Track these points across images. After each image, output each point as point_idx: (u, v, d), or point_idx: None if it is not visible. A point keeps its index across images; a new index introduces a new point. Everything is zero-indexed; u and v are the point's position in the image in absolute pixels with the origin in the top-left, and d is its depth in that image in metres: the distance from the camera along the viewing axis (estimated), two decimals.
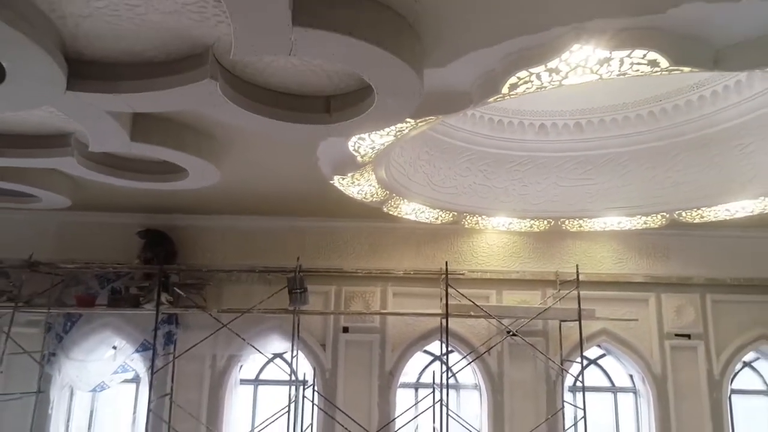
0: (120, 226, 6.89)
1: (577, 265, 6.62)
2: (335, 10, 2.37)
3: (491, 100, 3.21)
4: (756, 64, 2.85)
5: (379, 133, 3.76)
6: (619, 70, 2.84)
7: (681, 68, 2.79)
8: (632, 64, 2.77)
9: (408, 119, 3.49)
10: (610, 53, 2.71)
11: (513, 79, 2.95)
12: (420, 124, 3.65)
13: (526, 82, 2.98)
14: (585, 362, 7.26)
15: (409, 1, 2.52)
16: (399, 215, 6.40)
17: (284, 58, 2.88)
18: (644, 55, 2.69)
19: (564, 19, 2.61)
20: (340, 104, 3.34)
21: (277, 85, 3.28)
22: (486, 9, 2.56)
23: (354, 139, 3.90)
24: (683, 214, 6.16)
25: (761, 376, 7.40)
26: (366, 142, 3.94)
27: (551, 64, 2.82)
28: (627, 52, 2.69)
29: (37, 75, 2.82)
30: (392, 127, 3.62)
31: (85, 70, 2.97)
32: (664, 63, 2.72)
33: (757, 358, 7.37)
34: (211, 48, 2.87)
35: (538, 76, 2.92)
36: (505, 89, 3.04)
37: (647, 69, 2.80)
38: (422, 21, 2.68)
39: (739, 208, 5.76)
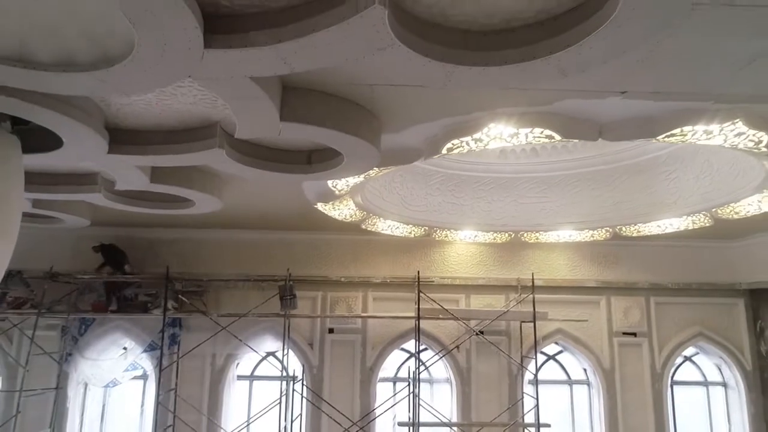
0: (128, 239, 7.83)
1: (533, 273, 7.67)
2: (311, 107, 3.36)
3: (436, 157, 4.21)
4: (632, 137, 3.86)
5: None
6: (526, 141, 3.85)
7: (571, 140, 3.80)
8: (534, 137, 3.78)
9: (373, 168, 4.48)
10: (517, 130, 3.72)
11: (449, 144, 3.96)
12: (383, 170, 4.64)
13: (459, 147, 3.99)
14: (545, 358, 8.36)
15: (366, 94, 3.50)
16: (376, 230, 7.38)
17: None
18: (542, 132, 3.70)
19: (481, 106, 3.61)
20: (319, 157, 4.34)
21: (270, 143, 4.27)
22: (424, 98, 3.54)
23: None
24: (623, 228, 7.19)
25: (700, 369, 8.48)
26: (342, 181, 4.93)
27: (476, 136, 3.82)
28: (529, 129, 3.70)
29: (86, 144, 3.78)
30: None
31: (122, 137, 3.94)
32: (557, 136, 3.73)
33: (697, 353, 8.44)
34: (219, 123, 3.85)
35: (468, 143, 3.92)
36: (444, 150, 4.05)
37: (546, 140, 3.81)
38: (378, 105, 3.66)
39: (668, 224, 6.80)
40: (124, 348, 8.04)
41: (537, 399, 7.33)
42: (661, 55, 2.88)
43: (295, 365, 7.96)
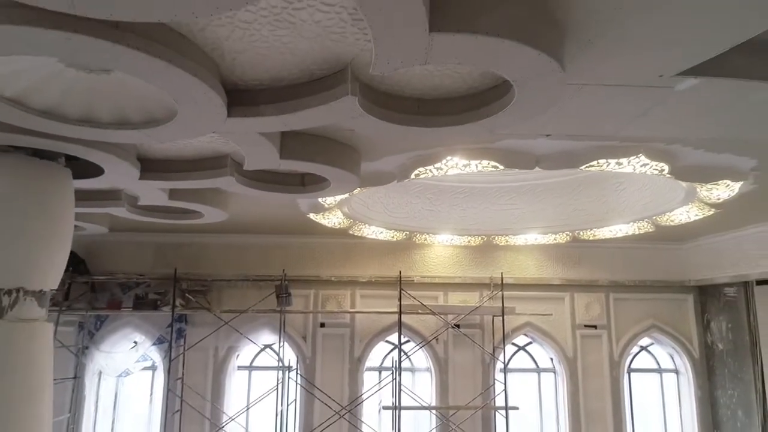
0: (138, 244, 8.81)
1: (501, 273, 8.71)
2: (304, 147, 4.35)
3: (406, 180, 5.22)
4: (561, 167, 4.88)
5: None
6: (476, 169, 4.86)
7: (513, 169, 4.81)
8: (483, 167, 4.79)
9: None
10: (468, 162, 4.73)
11: (416, 171, 4.96)
12: (364, 189, 5.64)
13: (424, 173, 5.00)
14: (516, 348, 9.40)
15: (347, 135, 4.48)
16: (363, 235, 8.38)
17: None
18: (488, 163, 4.71)
19: (440, 143, 4.60)
20: (311, 180, 5.32)
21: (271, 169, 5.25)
22: (394, 138, 4.53)
23: None
24: (581, 233, 8.22)
25: (654, 357, 9.56)
26: (329, 198, 5.92)
27: (437, 165, 4.84)
28: (478, 161, 4.70)
29: (122, 173, 4.76)
30: None
31: (150, 166, 4.91)
32: (501, 166, 4.74)
33: (652, 344, 9.52)
34: (229, 155, 4.83)
35: (431, 171, 4.93)
36: (413, 175, 5.06)
37: (492, 169, 4.82)
38: (357, 142, 4.65)
39: (618, 229, 7.83)
40: (135, 342, 9.00)
41: (505, 385, 8.39)
42: (571, 109, 3.88)
43: (290, 356, 8.94)
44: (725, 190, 5.48)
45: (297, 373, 8.79)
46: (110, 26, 2.50)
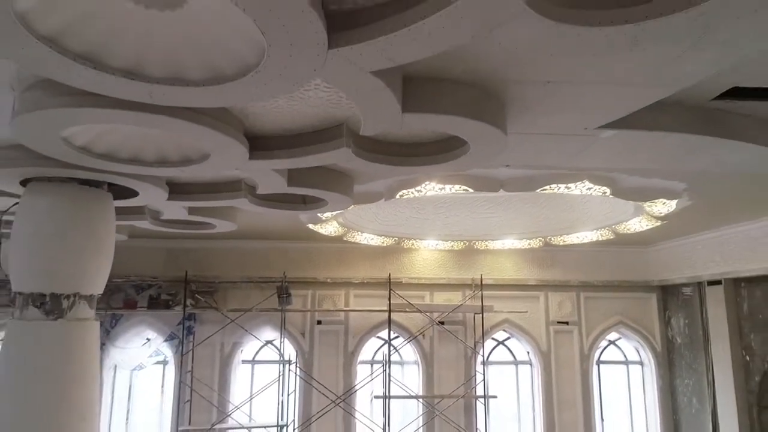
0: (151, 249, 9.76)
1: (482, 274, 9.75)
2: (307, 176, 5.35)
3: (392, 199, 6.23)
4: (521, 189, 5.90)
5: None
6: (450, 191, 5.88)
7: (482, 191, 5.83)
8: (455, 189, 5.80)
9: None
10: (444, 185, 5.75)
11: (400, 193, 5.98)
12: (356, 206, 6.66)
13: (407, 194, 6.01)
14: (495, 343, 10.44)
15: (343, 166, 5.49)
16: (356, 241, 9.39)
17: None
18: (460, 186, 5.72)
19: (419, 173, 5.61)
20: (311, 200, 6.32)
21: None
22: (381, 170, 5.52)
23: None
24: (552, 239, 9.27)
25: (622, 350, 10.64)
26: (326, 213, 6.93)
27: (418, 188, 5.85)
28: (452, 185, 5.72)
29: (154, 195, 5.74)
30: None
31: (176, 188, 5.88)
32: (471, 190, 5.76)
33: (619, 338, 10.60)
34: (243, 180, 5.82)
35: (413, 192, 5.94)
36: (398, 196, 6.07)
37: (464, 192, 5.84)
38: (351, 171, 5.65)
39: (583, 236, 8.88)
40: (147, 338, 9.98)
41: (485, 376, 9.44)
42: (523, 148, 4.90)
43: (289, 351, 9.94)
44: (664, 206, 6.53)
45: (296, 366, 9.79)
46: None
